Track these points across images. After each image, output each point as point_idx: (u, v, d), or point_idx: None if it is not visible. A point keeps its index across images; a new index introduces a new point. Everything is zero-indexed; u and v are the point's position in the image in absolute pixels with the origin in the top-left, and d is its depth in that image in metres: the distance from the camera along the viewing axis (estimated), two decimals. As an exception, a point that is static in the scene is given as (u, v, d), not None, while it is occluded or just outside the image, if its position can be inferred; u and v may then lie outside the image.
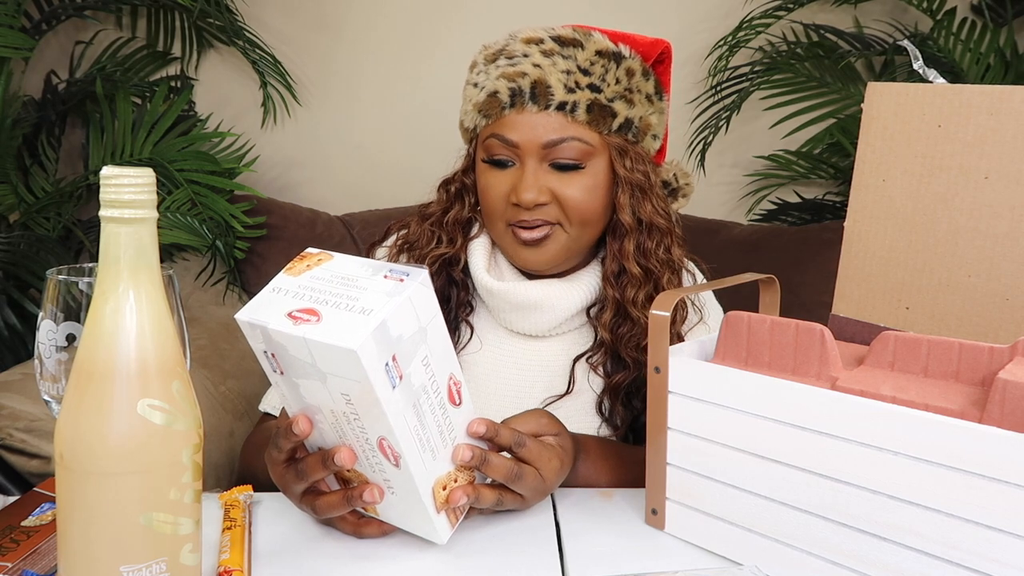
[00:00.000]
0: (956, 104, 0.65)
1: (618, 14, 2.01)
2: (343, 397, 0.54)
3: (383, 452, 0.57)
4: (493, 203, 0.85)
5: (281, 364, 0.56)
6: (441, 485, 0.60)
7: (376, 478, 0.60)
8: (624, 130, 0.84)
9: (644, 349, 0.83)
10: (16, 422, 1.15)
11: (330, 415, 0.57)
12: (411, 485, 0.58)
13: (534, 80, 0.81)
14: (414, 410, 0.56)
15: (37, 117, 1.91)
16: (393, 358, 0.53)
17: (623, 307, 0.85)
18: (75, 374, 0.43)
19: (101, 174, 0.42)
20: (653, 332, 0.63)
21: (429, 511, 0.59)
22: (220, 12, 1.93)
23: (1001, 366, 0.55)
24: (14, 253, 1.66)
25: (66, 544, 0.44)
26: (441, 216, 0.91)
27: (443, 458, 0.60)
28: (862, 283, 0.71)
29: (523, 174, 0.82)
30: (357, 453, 0.58)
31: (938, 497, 0.50)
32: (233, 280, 1.86)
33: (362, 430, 0.56)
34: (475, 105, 0.85)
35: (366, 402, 0.53)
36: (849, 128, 1.95)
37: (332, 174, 2.13)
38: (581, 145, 0.82)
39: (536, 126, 0.81)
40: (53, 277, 0.57)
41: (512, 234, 0.85)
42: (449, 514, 0.61)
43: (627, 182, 0.84)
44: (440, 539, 0.61)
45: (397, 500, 0.60)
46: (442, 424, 0.59)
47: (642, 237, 0.85)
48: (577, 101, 0.81)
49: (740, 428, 0.59)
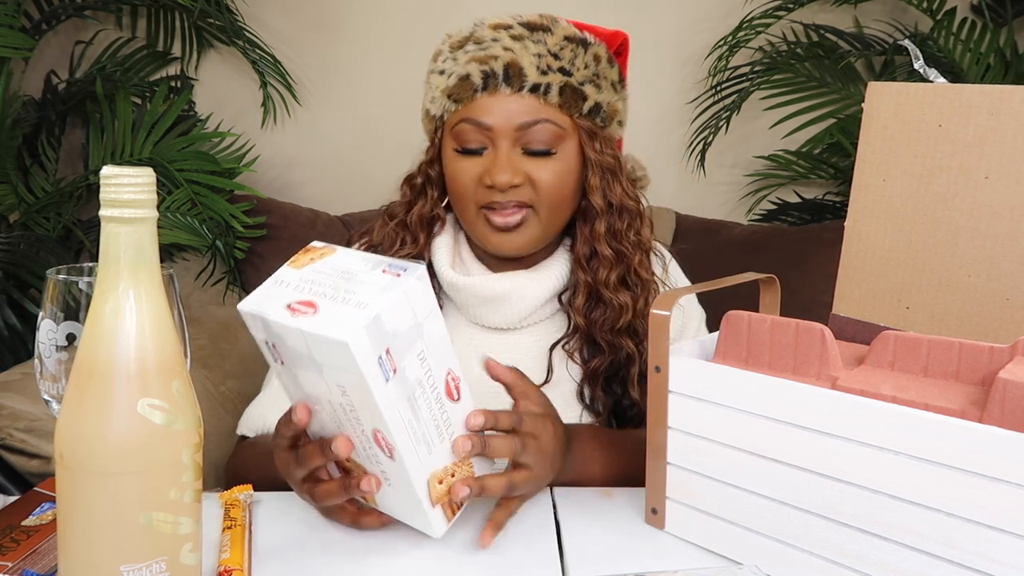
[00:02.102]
0: (956, 104, 0.65)
1: (618, 14, 2.01)
2: (339, 388, 0.55)
3: (378, 444, 0.57)
4: (464, 187, 0.84)
5: (281, 354, 0.57)
6: (437, 479, 0.60)
7: (373, 469, 0.60)
8: (594, 114, 0.85)
9: (619, 332, 0.85)
10: (16, 422, 1.15)
11: (328, 405, 0.57)
12: (405, 477, 0.58)
13: (507, 62, 0.81)
14: (409, 404, 0.56)
15: (37, 117, 1.91)
16: (387, 352, 0.53)
17: (595, 290, 0.85)
18: (75, 374, 0.43)
19: (101, 174, 0.42)
20: (653, 331, 0.63)
21: (424, 504, 0.59)
22: (220, 12, 1.93)
23: (1001, 366, 0.54)
24: (14, 253, 1.66)
25: (66, 544, 0.44)
26: (405, 214, 0.91)
27: (440, 452, 0.60)
28: (862, 283, 0.71)
29: (496, 157, 0.82)
30: (355, 443, 0.59)
31: (938, 497, 0.50)
32: (233, 280, 1.86)
33: (358, 421, 0.56)
34: (444, 91, 0.84)
35: (360, 394, 0.53)
36: (849, 128, 1.95)
37: (332, 174, 2.13)
38: (553, 128, 0.82)
39: (510, 108, 0.81)
40: (53, 277, 0.57)
41: (485, 220, 0.84)
42: (445, 508, 0.61)
43: (597, 165, 0.85)
44: (435, 533, 0.61)
45: (393, 492, 0.60)
46: (439, 419, 0.59)
47: (612, 219, 0.86)
48: (550, 83, 0.82)
49: (740, 428, 0.59)
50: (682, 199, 2.11)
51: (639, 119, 2.10)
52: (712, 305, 0.98)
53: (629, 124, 0.94)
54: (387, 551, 0.63)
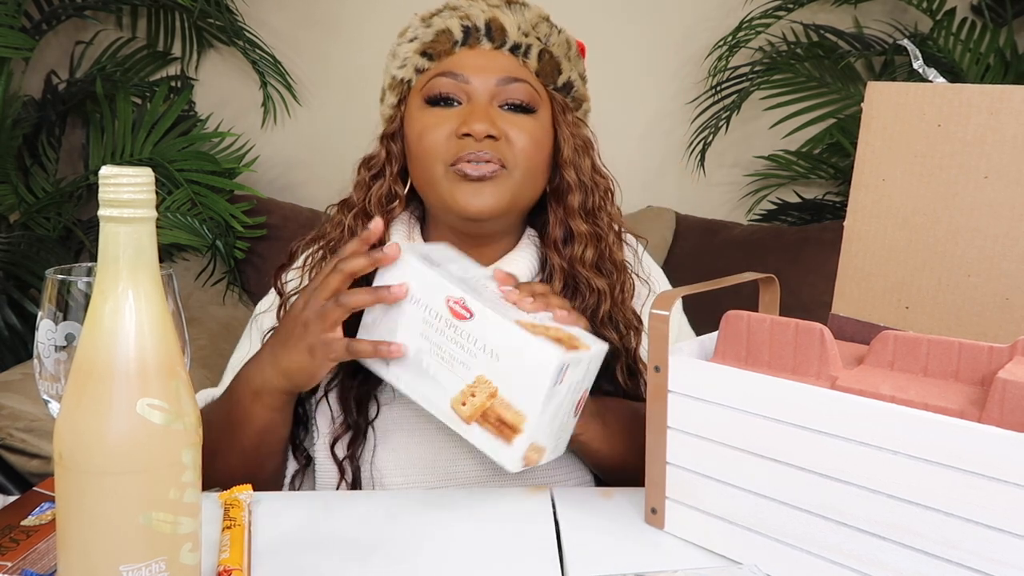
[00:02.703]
0: (956, 104, 0.65)
1: (619, 14, 2.02)
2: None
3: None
4: (434, 143, 0.78)
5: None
6: (461, 401, 0.64)
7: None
8: (567, 90, 0.85)
9: (600, 324, 0.82)
10: (16, 422, 1.15)
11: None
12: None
13: (488, 19, 0.81)
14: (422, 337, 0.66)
15: (37, 117, 1.91)
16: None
17: (572, 274, 0.82)
18: (74, 374, 0.43)
19: (100, 174, 0.42)
20: (653, 331, 0.63)
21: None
22: (220, 12, 1.93)
23: (1001, 366, 0.54)
24: (14, 253, 1.66)
25: (65, 543, 0.44)
26: (363, 200, 0.85)
27: (473, 367, 0.64)
28: (862, 283, 0.71)
29: (473, 108, 0.78)
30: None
31: (938, 497, 0.50)
32: (233, 280, 1.86)
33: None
34: (417, 49, 0.82)
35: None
36: (849, 128, 1.95)
37: (332, 174, 2.13)
38: (531, 90, 0.81)
39: (490, 63, 0.80)
40: (52, 277, 0.57)
41: (455, 175, 0.78)
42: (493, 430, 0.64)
43: (571, 139, 0.83)
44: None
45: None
46: (457, 339, 0.64)
47: (586, 196, 0.84)
48: (530, 45, 0.82)
49: (740, 427, 0.59)
50: (682, 199, 2.11)
51: (639, 119, 2.11)
52: (712, 305, 0.98)
53: (630, 124, 0.94)
54: (387, 551, 0.63)
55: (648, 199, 2.07)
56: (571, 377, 0.63)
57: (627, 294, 0.86)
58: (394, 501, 0.71)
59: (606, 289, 0.82)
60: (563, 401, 0.64)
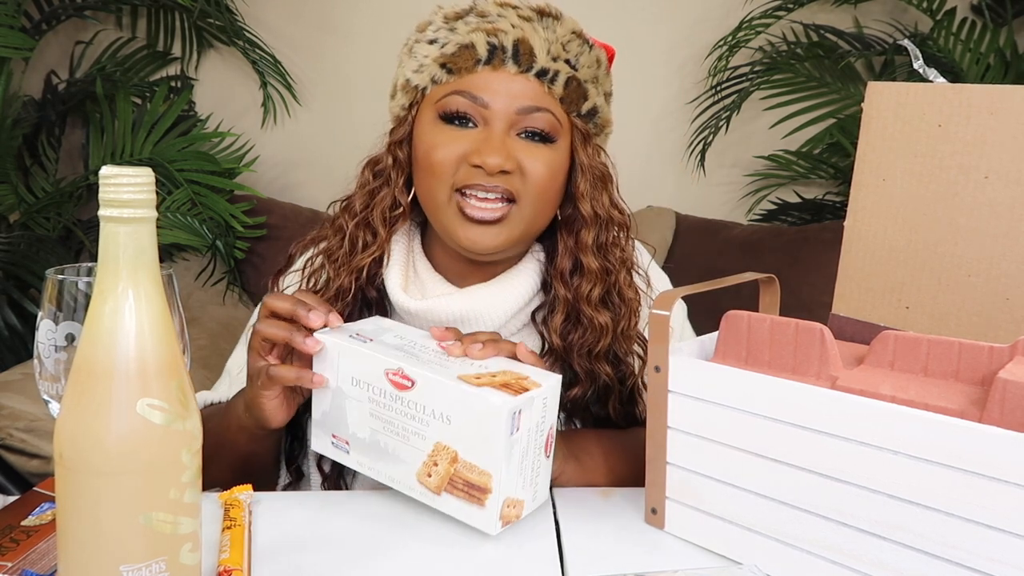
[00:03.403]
0: (956, 104, 0.65)
1: (619, 14, 2.02)
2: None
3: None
4: (442, 164, 0.74)
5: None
6: (426, 473, 0.63)
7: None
8: (590, 117, 0.79)
9: (596, 357, 0.79)
10: (16, 422, 1.15)
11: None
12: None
13: (516, 39, 0.74)
14: (371, 417, 0.65)
15: (37, 117, 1.91)
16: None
17: (575, 308, 0.78)
18: (74, 374, 0.43)
19: (100, 174, 0.42)
20: (653, 331, 0.63)
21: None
22: (220, 12, 1.93)
23: (1001, 366, 0.54)
24: (14, 253, 1.66)
25: (66, 544, 0.44)
26: (365, 207, 0.80)
27: (429, 436, 0.62)
28: (862, 283, 0.71)
29: (490, 136, 0.73)
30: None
31: (938, 497, 0.50)
32: (233, 280, 1.86)
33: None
34: (436, 59, 0.76)
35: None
36: (849, 128, 1.95)
37: (332, 174, 2.13)
38: (553, 120, 0.75)
39: (513, 88, 0.74)
40: (52, 277, 0.57)
41: (459, 208, 0.74)
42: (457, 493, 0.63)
43: (589, 170, 0.78)
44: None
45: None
46: (406, 411, 0.63)
47: (600, 230, 0.79)
48: (558, 71, 0.75)
49: (740, 427, 0.59)
50: (682, 199, 2.11)
51: (639, 119, 2.11)
52: (712, 305, 0.98)
53: (629, 124, 0.93)
54: (387, 551, 0.63)
55: (648, 199, 2.07)
56: (528, 420, 0.60)
57: (632, 326, 0.81)
58: (394, 501, 0.71)
59: (609, 325, 0.78)
60: (527, 447, 0.61)
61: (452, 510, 0.63)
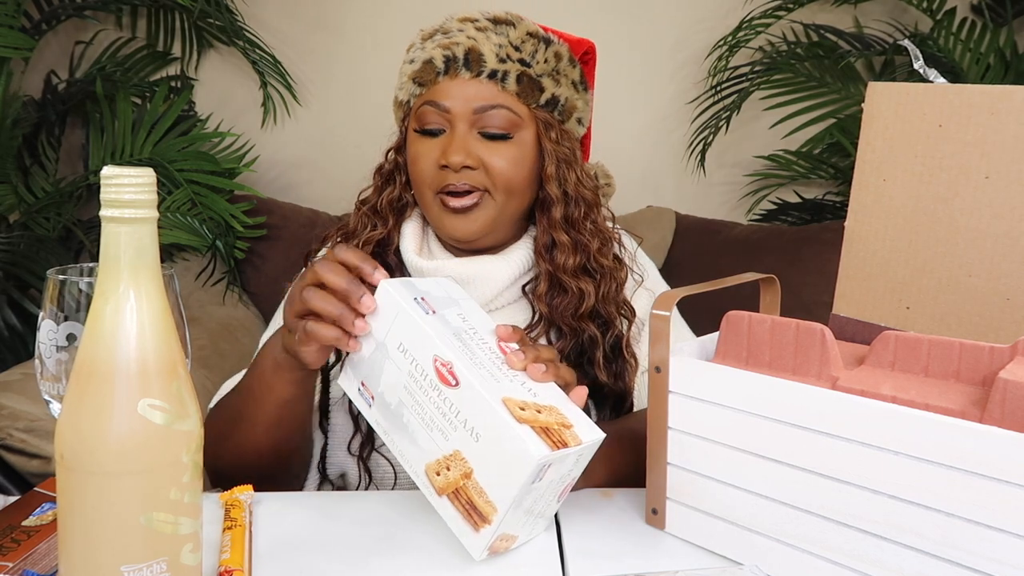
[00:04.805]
0: (956, 104, 0.65)
1: (619, 14, 2.02)
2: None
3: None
4: (423, 171, 0.86)
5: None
6: (440, 468, 0.61)
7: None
8: (551, 107, 0.88)
9: (580, 317, 0.87)
10: (16, 422, 1.15)
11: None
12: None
13: (467, 48, 0.85)
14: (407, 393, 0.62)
15: (37, 117, 1.91)
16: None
17: (555, 277, 0.88)
18: (75, 374, 0.43)
19: (101, 174, 0.42)
20: (653, 331, 0.63)
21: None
22: (220, 12, 1.93)
23: (1002, 366, 0.55)
24: (14, 253, 1.66)
25: (66, 544, 0.44)
26: (376, 201, 0.93)
27: (452, 439, 0.59)
28: (862, 283, 0.71)
29: (452, 138, 0.84)
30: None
31: (938, 497, 0.50)
32: (233, 280, 1.86)
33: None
34: (410, 76, 0.88)
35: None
36: (849, 128, 1.95)
37: (332, 174, 2.13)
38: (509, 115, 0.85)
39: (468, 92, 0.84)
40: (53, 277, 0.57)
41: (441, 203, 0.86)
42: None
43: (553, 154, 0.87)
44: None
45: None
46: (440, 405, 0.60)
47: (569, 208, 0.89)
48: (508, 71, 0.85)
49: (740, 428, 0.59)
50: (682, 199, 2.11)
51: (639, 119, 2.11)
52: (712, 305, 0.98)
53: (630, 124, 0.94)
54: (387, 551, 0.63)
55: (648, 199, 2.07)
56: (554, 473, 0.59)
57: (614, 290, 0.90)
58: (394, 501, 0.71)
59: (591, 289, 0.87)
60: (542, 495, 0.60)
61: (447, 517, 0.61)
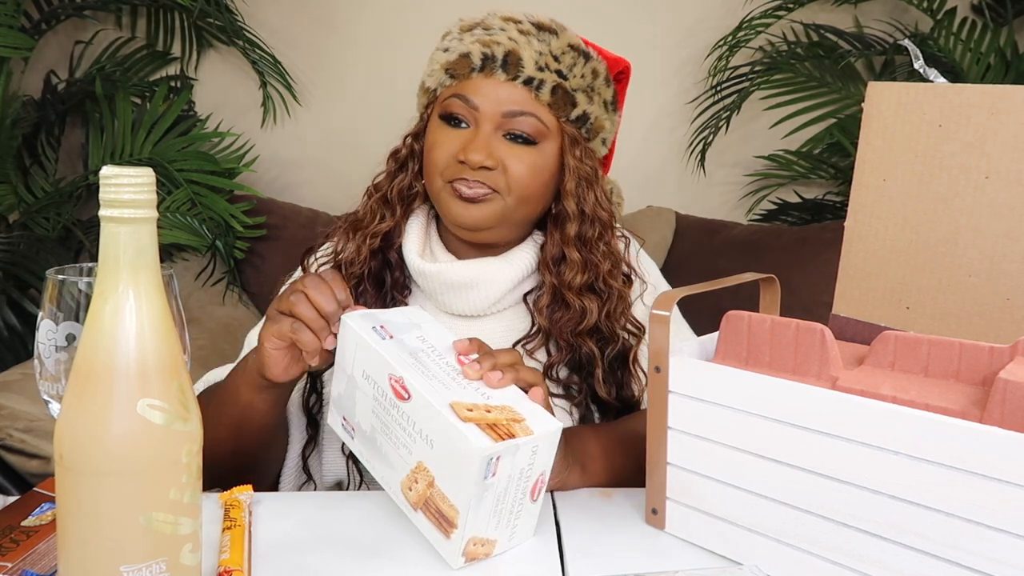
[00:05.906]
0: (956, 104, 0.65)
1: (619, 14, 2.02)
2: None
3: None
4: (437, 158, 0.85)
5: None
6: (411, 482, 0.62)
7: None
8: (580, 123, 0.87)
9: (579, 335, 0.86)
10: (16, 422, 1.15)
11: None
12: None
13: (508, 50, 0.83)
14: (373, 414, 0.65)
15: (37, 117, 1.91)
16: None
17: (560, 292, 0.86)
18: (75, 374, 0.43)
19: (101, 174, 0.42)
20: (653, 331, 0.63)
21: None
22: (220, 12, 1.93)
23: (1002, 366, 0.54)
24: (14, 253, 1.66)
25: (66, 544, 0.44)
26: (387, 187, 0.92)
27: (415, 452, 0.61)
28: (862, 283, 0.71)
29: (476, 135, 0.83)
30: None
31: (938, 497, 0.50)
32: (233, 280, 1.86)
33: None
34: (443, 65, 0.86)
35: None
36: (849, 128, 1.95)
37: (332, 174, 2.13)
38: (537, 123, 0.84)
39: (500, 94, 0.83)
40: (52, 277, 0.57)
41: (451, 190, 0.84)
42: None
43: (575, 171, 0.86)
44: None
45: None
46: (400, 421, 0.62)
47: (584, 227, 0.87)
48: (544, 80, 0.83)
49: (740, 428, 0.59)
50: (682, 199, 2.11)
51: (640, 119, 2.11)
52: (712, 305, 0.98)
53: (629, 124, 0.94)
54: (387, 551, 0.63)
55: (648, 199, 2.07)
56: (509, 467, 0.58)
57: (619, 310, 0.89)
58: (393, 501, 0.71)
59: (594, 308, 0.86)
60: (506, 491, 0.59)
61: (424, 530, 0.62)
